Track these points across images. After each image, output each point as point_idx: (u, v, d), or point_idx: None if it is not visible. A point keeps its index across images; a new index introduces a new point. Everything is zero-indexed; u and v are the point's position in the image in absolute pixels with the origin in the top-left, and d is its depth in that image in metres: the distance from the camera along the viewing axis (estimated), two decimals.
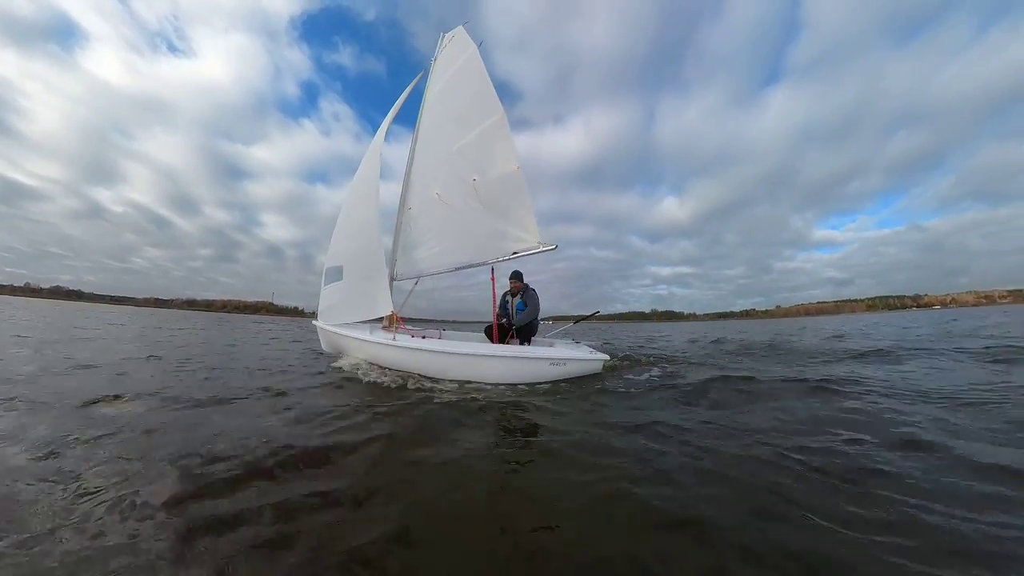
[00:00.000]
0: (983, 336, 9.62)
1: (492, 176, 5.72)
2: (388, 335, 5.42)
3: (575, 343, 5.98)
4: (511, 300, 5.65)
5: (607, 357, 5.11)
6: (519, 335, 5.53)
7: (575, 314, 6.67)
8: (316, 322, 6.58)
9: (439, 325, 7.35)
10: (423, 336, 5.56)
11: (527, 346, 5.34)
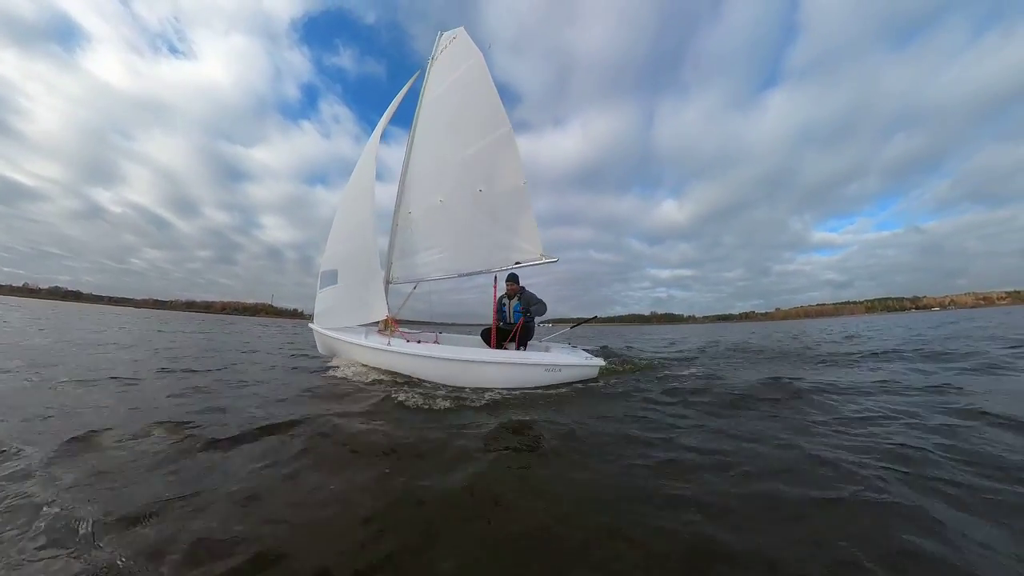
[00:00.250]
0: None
1: (499, 189, 5.74)
2: (383, 339, 5.38)
3: (572, 347, 5.90)
4: (508, 303, 5.72)
5: (603, 362, 5.03)
6: (518, 340, 5.46)
7: (574, 316, 6.57)
8: (312, 325, 6.52)
9: (436, 328, 7.23)
10: (418, 341, 5.50)
11: (523, 351, 5.28)
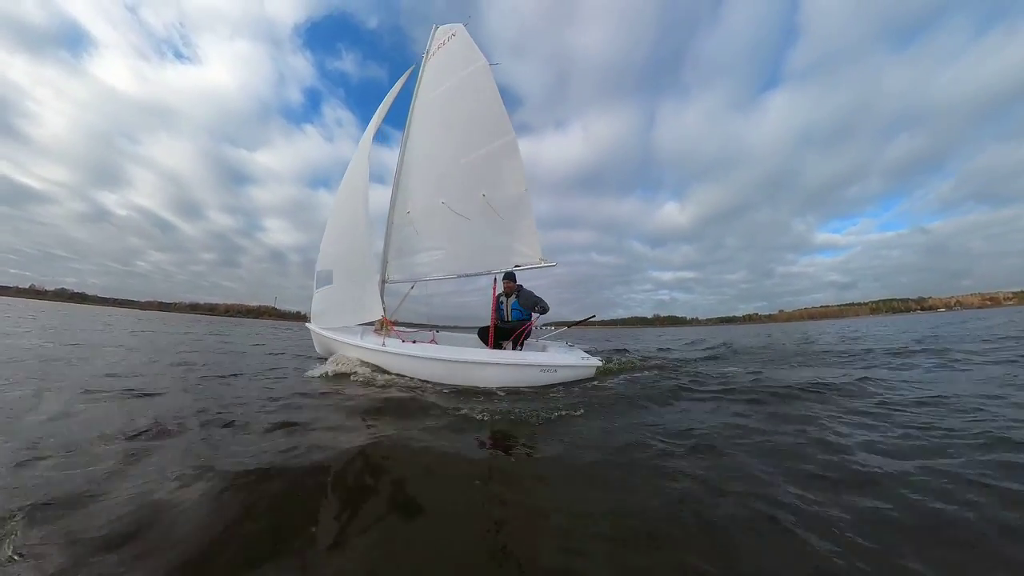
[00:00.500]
0: None
1: (501, 194, 5.82)
2: (378, 339, 5.39)
3: (569, 347, 5.83)
4: (505, 301, 5.76)
5: (600, 363, 4.98)
6: (515, 339, 5.48)
7: (576, 319, 6.52)
8: (309, 325, 6.54)
9: (436, 327, 7.21)
10: (413, 341, 5.49)
11: (519, 351, 5.26)
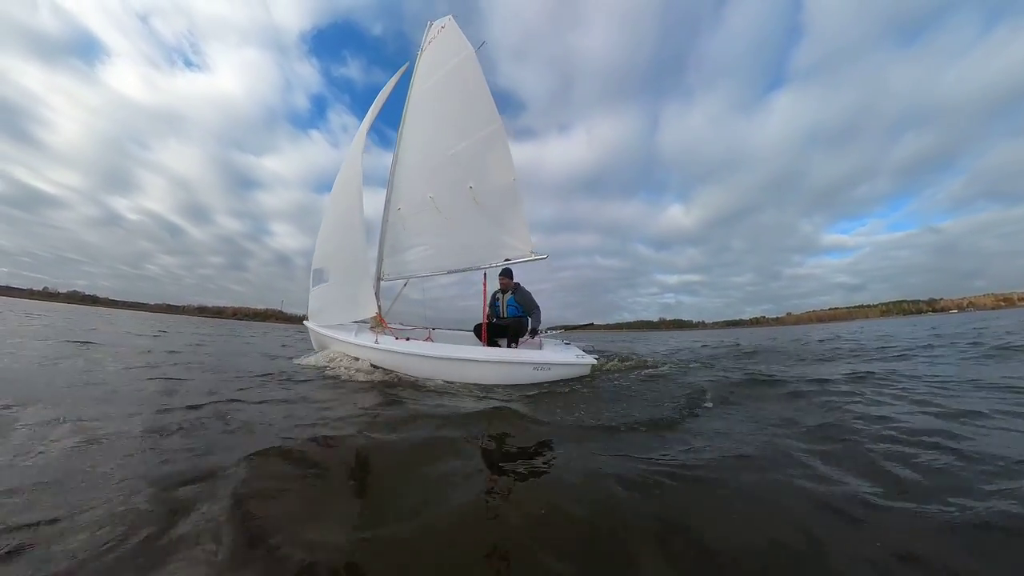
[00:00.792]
0: None
1: (489, 185, 5.71)
2: (372, 336, 5.39)
3: (565, 345, 5.72)
4: (501, 298, 5.75)
5: (595, 361, 4.89)
6: (509, 335, 5.44)
7: (581, 324, 6.41)
8: (306, 323, 6.52)
9: (434, 325, 7.15)
10: (407, 338, 5.46)
11: (513, 349, 5.20)
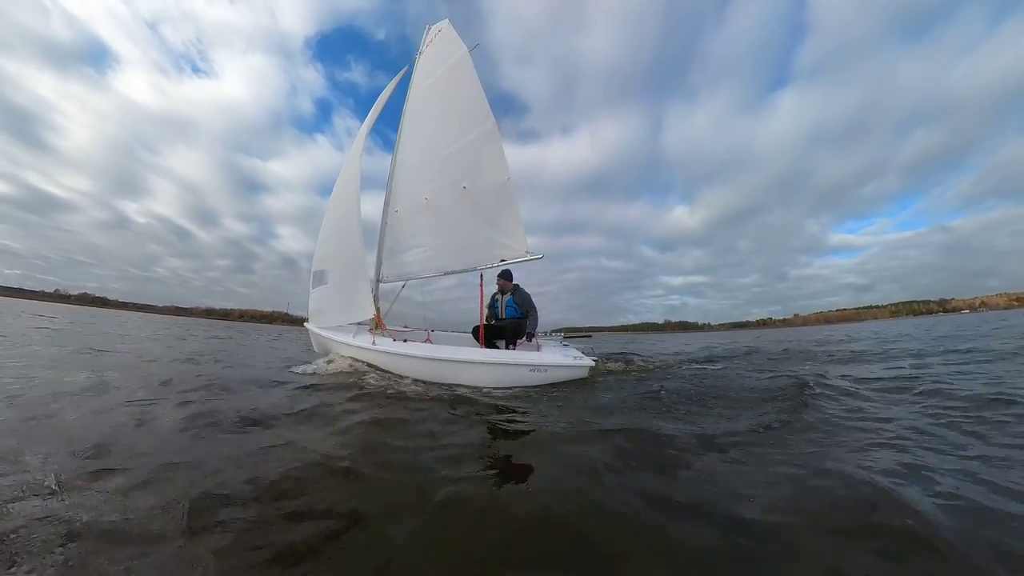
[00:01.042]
0: None
1: (483, 185, 5.70)
2: (370, 338, 5.40)
3: (563, 347, 5.70)
4: (500, 299, 5.74)
5: (593, 363, 4.87)
6: (507, 337, 5.39)
7: (586, 326, 6.31)
8: (307, 324, 6.55)
9: (434, 327, 7.17)
10: (404, 340, 5.46)
11: (511, 351, 5.17)
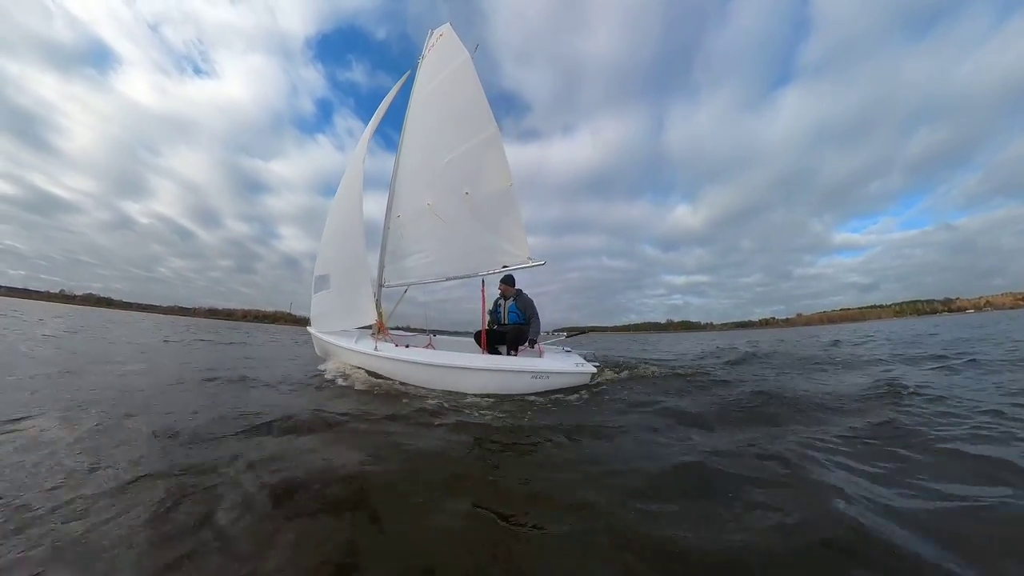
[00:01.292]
0: None
1: (485, 191, 5.71)
2: (372, 343, 5.41)
3: (566, 352, 5.74)
4: (503, 304, 5.74)
5: (595, 370, 4.91)
6: (509, 343, 5.43)
7: (588, 325, 6.37)
8: (309, 328, 6.60)
9: (437, 332, 7.23)
10: (407, 345, 5.47)
11: (512, 357, 5.19)
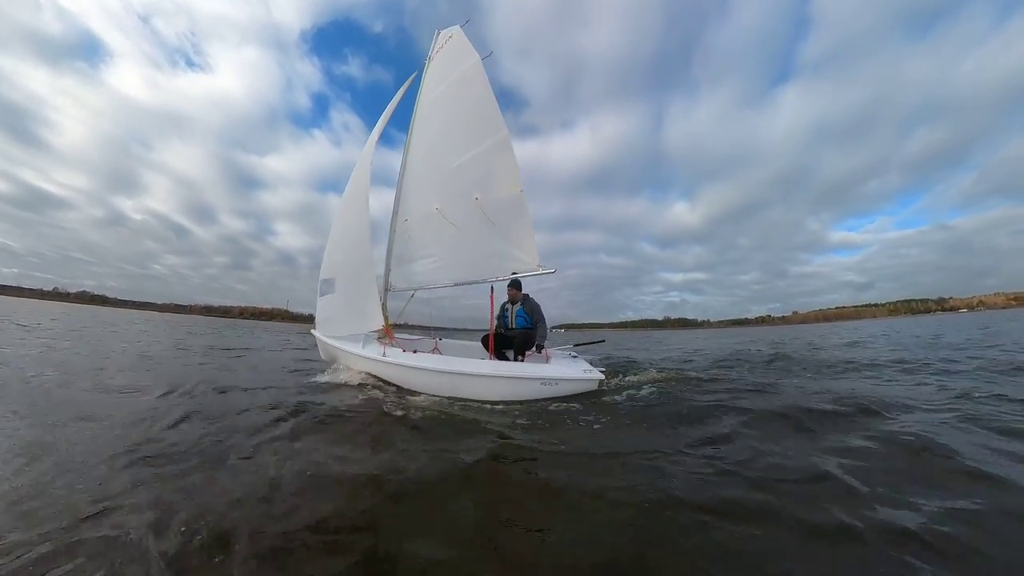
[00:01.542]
0: None
1: (495, 196, 5.67)
2: (379, 348, 5.35)
3: (572, 358, 5.69)
4: (510, 308, 5.70)
5: (602, 376, 4.86)
6: (516, 347, 5.39)
7: (585, 322, 6.34)
8: (314, 331, 6.54)
9: (440, 332, 7.16)
10: (415, 351, 5.41)
11: (519, 363, 5.15)
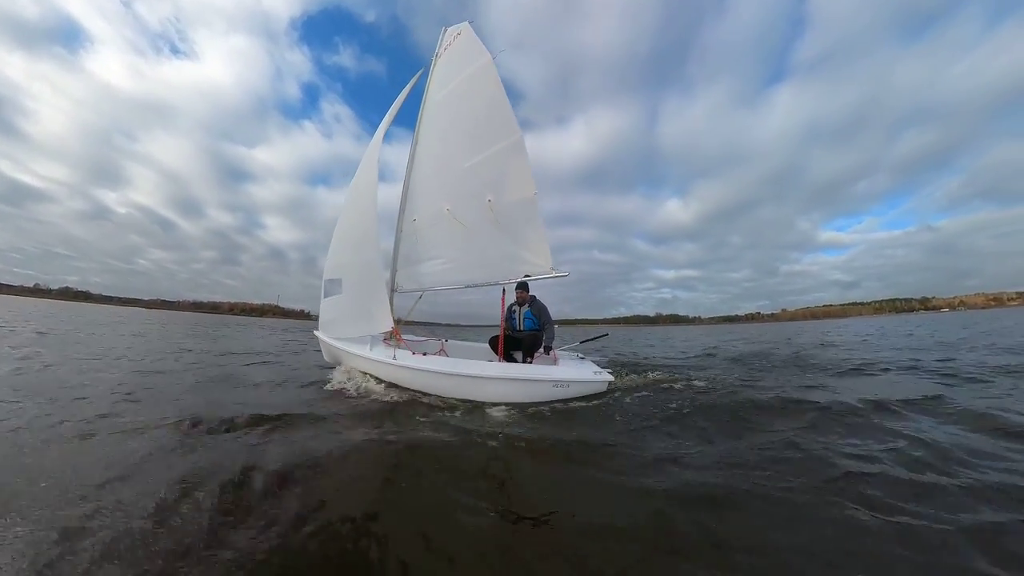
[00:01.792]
0: None
1: (508, 199, 5.61)
2: (388, 351, 5.31)
3: (580, 360, 5.74)
4: (518, 310, 5.71)
5: (612, 378, 4.96)
6: (525, 349, 5.44)
7: (579, 318, 6.41)
8: (317, 333, 6.48)
9: (444, 331, 7.14)
10: (423, 353, 5.40)
11: (529, 366, 5.20)
